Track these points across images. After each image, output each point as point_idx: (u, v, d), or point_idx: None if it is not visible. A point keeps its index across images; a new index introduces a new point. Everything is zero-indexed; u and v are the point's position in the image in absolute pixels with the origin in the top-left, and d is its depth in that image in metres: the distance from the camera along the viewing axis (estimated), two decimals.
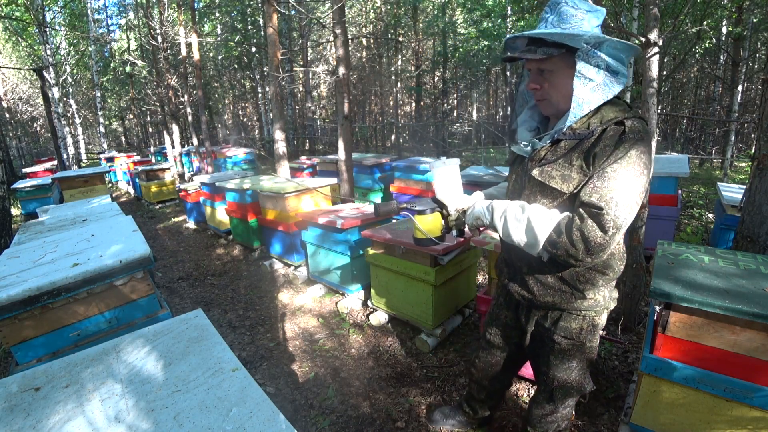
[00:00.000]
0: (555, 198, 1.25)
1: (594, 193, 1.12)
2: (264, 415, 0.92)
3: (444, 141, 11.76)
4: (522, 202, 1.28)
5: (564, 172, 1.20)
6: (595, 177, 1.14)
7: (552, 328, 1.40)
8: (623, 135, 1.12)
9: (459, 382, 2.42)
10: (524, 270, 1.40)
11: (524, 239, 1.23)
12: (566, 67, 1.19)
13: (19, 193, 6.69)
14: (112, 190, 10.73)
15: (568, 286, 1.32)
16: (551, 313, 1.40)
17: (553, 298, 1.35)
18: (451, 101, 17.68)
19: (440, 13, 13.09)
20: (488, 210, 1.34)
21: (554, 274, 1.33)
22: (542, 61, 1.22)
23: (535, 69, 1.25)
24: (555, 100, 1.26)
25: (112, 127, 25.22)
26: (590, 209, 1.13)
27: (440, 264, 2.58)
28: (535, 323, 1.47)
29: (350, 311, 3.36)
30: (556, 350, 1.42)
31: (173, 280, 4.37)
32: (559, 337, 1.39)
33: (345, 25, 4.79)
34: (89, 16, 15.22)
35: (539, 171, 1.26)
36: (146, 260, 1.82)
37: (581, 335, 1.38)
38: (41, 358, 1.66)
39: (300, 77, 14.60)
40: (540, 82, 1.26)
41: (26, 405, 1.02)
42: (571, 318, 1.36)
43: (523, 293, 1.42)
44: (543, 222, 1.19)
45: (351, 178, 5.12)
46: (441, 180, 1.44)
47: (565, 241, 1.15)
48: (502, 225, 1.28)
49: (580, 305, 1.33)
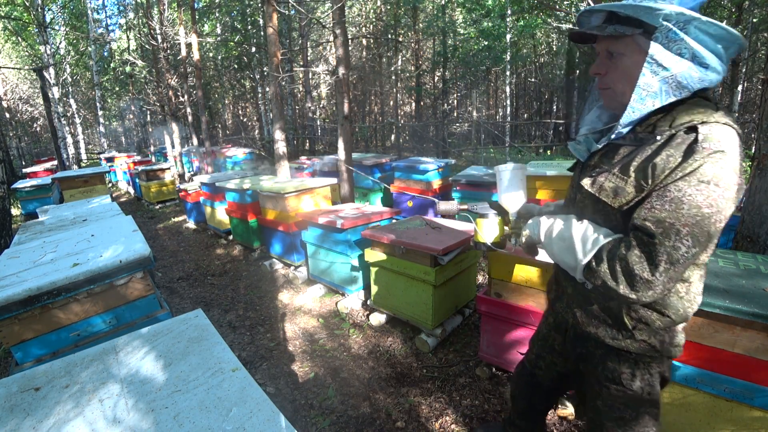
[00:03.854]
0: (608, 215, 1.04)
1: (649, 216, 0.91)
2: (264, 415, 0.92)
3: (444, 141, 11.76)
4: (572, 216, 1.12)
5: (618, 183, 0.99)
6: (653, 195, 0.92)
7: (599, 367, 1.17)
8: (694, 144, 0.88)
9: (459, 382, 2.42)
10: (569, 291, 1.21)
11: (565, 261, 1.07)
12: (639, 52, 0.98)
13: (19, 193, 6.69)
14: (112, 190, 10.73)
15: (614, 320, 1.09)
16: (597, 348, 1.17)
17: (597, 330, 1.13)
18: (451, 101, 17.68)
19: (440, 13, 13.09)
20: (537, 225, 1.18)
21: (600, 303, 1.12)
22: (611, 41, 1.00)
23: (604, 51, 1.04)
24: (620, 90, 1.03)
25: (112, 126, 25.23)
26: (641, 236, 0.92)
27: (440, 264, 2.58)
28: (581, 356, 1.23)
29: (350, 311, 3.36)
30: (604, 395, 1.17)
31: (173, 280, 4.37)
32: (606, 380, 1.15)
33: (345, 25, 4.79)
34: (89, 16, 15.23)
35: (590, 180, 1.07)
36: (146, 260, 1.82)
37: (633, 383, 1.11)
38: (41, 358, 1.66)
39: (300, 77, 14.60)
40: (605, 67, 1.05)
41: (26, 405, 1.02)
42: (621, 359, 1.11)
43: (566, 317, 1.24)
44: (584, 243, 1.01)
45: (351, 178, 5.12)
46: (505, 184, 1.35)
47: (604, 271, 0.96)
48: (546, 242, 1.13)
49: (629, 346, 1.08)
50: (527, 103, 21.30)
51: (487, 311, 2.27)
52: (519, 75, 19.35)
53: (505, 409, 2.18)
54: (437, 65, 14.51)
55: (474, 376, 2.45)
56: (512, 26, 12.06)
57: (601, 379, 1.16)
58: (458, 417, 2.15)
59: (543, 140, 16.85)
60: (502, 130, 13.80)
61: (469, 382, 2.40)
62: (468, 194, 4.76)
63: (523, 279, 2.11)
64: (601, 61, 1.05)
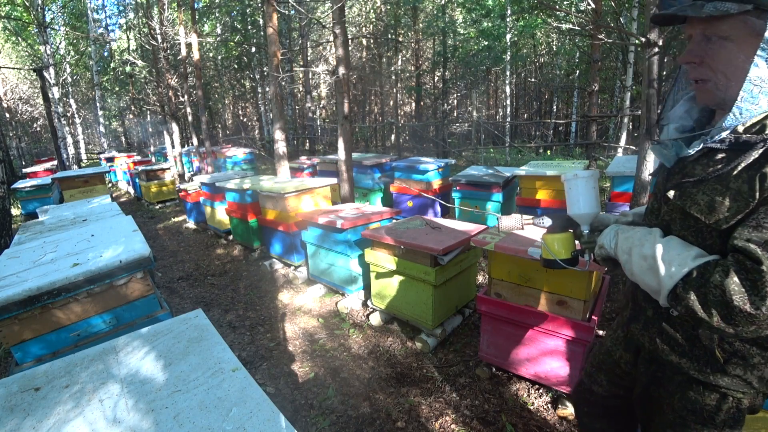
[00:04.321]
0: (700, 233, 0.88)
1: (754, 237, 0.75)
2: (264, 415, 0.92)
3: (444, 141, 11.76)
4: (657, 230, 0.95)
5: (714, 196, 0.83)
6: (761, 212, 0.77)
7: (676, 395, 1.01)
8: None
9: (459, 382, 2.42)
10: (649, 313, 1.05)
11: (646, 282, 0.92)
12: (749, 34, 0.79)
13: (19, 193, 6.69)
14: (112, 190, 10.73)
15: (703, 351, 0.94)
16: (677, 374, 1.02)
17: (680, 360, 0.97)
18: (451, 101, 17.69)
19: (440, 13, 13.10)
20: (614, 237, 1.03)
21: (686, 332, 0.96)
22: (710, 23, 0.82)
23: (699, 35, 0.85)
24: (722, 84, 0.84)
25: (112, 127, 25.24)
26: (743, 260, 0.76)
27: (440, 264, 2.58)
28: (655, 380, 1.07)
29: (350, 311, 3.36)
30: (677, 424, 1.02)
31: (173, 280, 4.37)
32: (683, 411, 1.00)
33: (345, 25, 4.80)
34: (89, 16, 15.24)
35: (679, 191, 0.91)
36: (146, 260, 1.82)
37: (716, 417, 0.96)
38: (41, 358, 1.66)
39: (300, 77, 14.61)
40: (700, 54, 0.85)
41: (26, 405, 1.02)
42: (706, 390, 0.96)
43: (642, 341, 1.07)
44: (669, 265, 0.85)
45: (351, 179, 5.12)
46: (574, 194, 1.21)
47: (693, 299, 0.80)
48: (624, 259, 0.98)
49: (717, 380, 0.93)
50: (527, 103, 21.32)
51: (487, 311, 2.27)
52: (519, 75, 19.35)
53: (506, 409, 2.18)
54: (437, 65, 14.53)
55: (474, 376, 2.45)
56: (512, 26, 12.07)
57: (677, 409, 1.01)
58: (458, 417, 2.15)
59: (543, 140, 16.87)
60: (502, 130, 13.81)
61: (469, 382, 2.40)
62: (468, 194, 4.76)
63: (523, 279, 2.11)
64: (695, 48, 0.86)
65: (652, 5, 2.52)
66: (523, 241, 2.08)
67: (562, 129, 16.54)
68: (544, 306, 2.06)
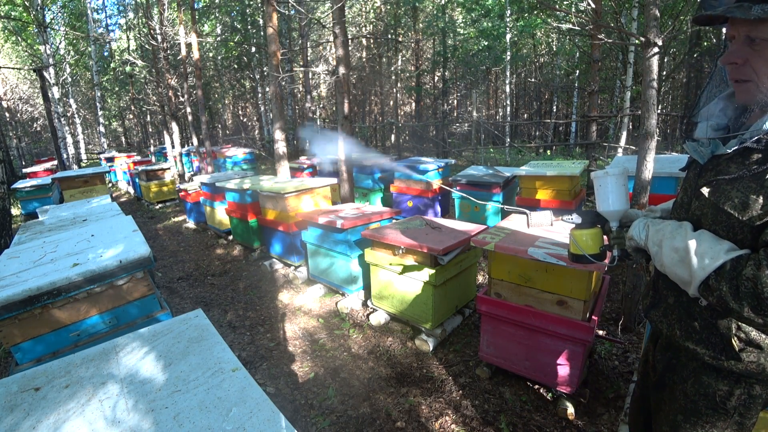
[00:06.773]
0: (731, 228, 0.92)
1: None
2: (264, 415, 0.92)
3: (444, 141, 11.76)
4: (687, 224, 0.99)
5: (748, 194, 0.87)
6: None
7: (689, 380, 1.05)
8: None
9: (459, 382, 2.42)
10: (670, 300, 1.10)
11: (677, 274, 0.95)
12: None
13: (19, 193, 6.69)
14: (112, 190, 10.73)
15: (719, 339, 0.98)
16: (691, 360, 1.06)
17: (696, 346, 1.02)
18: (451, 101, 17.68)
19: (440, 13, 13.09)
20: (644, 229, 1.07)
21: (704, 319, 1.00)
22: (756, 25, 0.83)
23: (743, 36, 0.87)
24: (765, 85, 0.87)
25: (112, 127, 25.24)
26: None
27: (440, 264, 2.58)
28: (670, 366, 1.12)
29: (350, 311, 3.36)
30: (688, 410, 1.05)
31: (173, 280, 4.37)
32: (695, 395, 1.03)
33: (345, 25, 4.79)
34: (89, 16, 15.24)
35: (712, 188, 0.94)
36: (146, 260, 1.82)
37: (728, 403, 1.00)
38: (41, 358, 1.66)
39: (300, 77, 14.60)
40: (743, 56, 0.88)
41: (26, 405, 1.02)
42: (720, 375, 1.00)
43: (661, 327, 1.12)
44: (702, 258, 0.89)
45: (351, 178, 5.12)
46: (604, 190, 1.24)
47: (725, 290, 0.84)
48: (654, 251, 1.02)
49: (731, 366, 0.97)
50: (527, 103, 21.32)
51: (487, 311, 2.27)
52: (519, 75, 19.35)
53: (506, 409, 2.18)
54: (437, 65, 14.51)
55: (474, 376, 2.45)
56: (512, 26, 12.07)
57: (690, 394, 1.05)
58: (458, 417, 2.15)
59: (543, 140, 16.87)
60: (502, 130, 13.80)
61: (469, 382, 2.40)
62: (468, 194, 4.76)
63: (524, 279, 2.11)
64: (737, 49, 0.88)
65: (652, 5, 2.51)
66: (523, 241, 2.08)
67: (562, 129, 16.55)
68: (544, 306, 2.06)
